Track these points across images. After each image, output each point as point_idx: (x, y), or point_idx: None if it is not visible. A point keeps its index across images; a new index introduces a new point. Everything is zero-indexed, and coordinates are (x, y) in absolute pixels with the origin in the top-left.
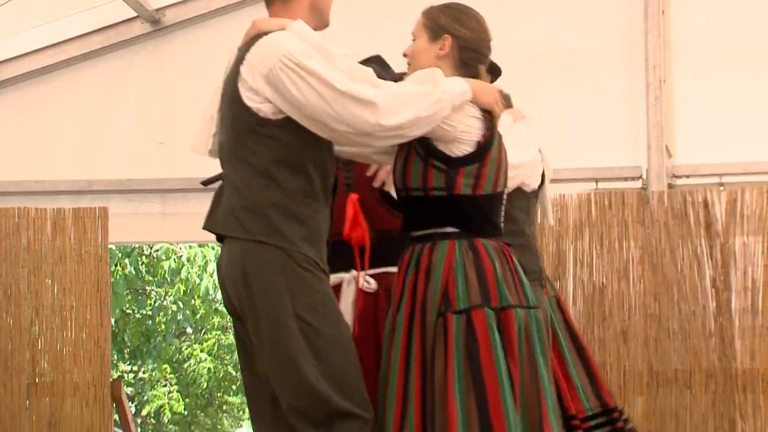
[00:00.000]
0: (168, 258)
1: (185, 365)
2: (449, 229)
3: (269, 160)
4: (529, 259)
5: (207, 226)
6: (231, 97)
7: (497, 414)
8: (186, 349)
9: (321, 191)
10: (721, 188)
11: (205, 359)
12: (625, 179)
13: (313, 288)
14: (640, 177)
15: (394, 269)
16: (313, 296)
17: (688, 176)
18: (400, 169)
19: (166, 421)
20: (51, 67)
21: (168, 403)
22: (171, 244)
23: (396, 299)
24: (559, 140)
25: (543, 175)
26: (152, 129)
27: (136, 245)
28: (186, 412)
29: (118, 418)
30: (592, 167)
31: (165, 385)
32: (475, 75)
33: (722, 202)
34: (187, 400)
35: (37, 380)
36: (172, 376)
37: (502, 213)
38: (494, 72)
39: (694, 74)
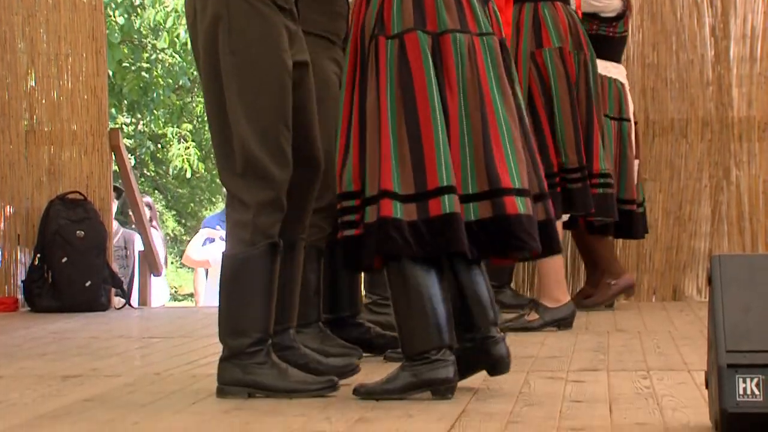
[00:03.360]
0: (154, 7)
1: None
2: None
3: None
4: None
5: None
6: None
7: (429, 147)
8: (189, 102)
9: None
10: None
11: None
12: None
13: (256, 25)
14: None
15: None
16: (254, 33)
17: None
18: None
19: (188, 177)
20: None
21: (187, 160)
22: None
23: (349, 29)
24: None
25: None
26: None
27: None
28: (205, 170)
29: (117, 169)
30: None
31: (181, 142)
32: None
33: None
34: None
35: (35, 129)
36: (189, 132)
37: None
38: None
39: None
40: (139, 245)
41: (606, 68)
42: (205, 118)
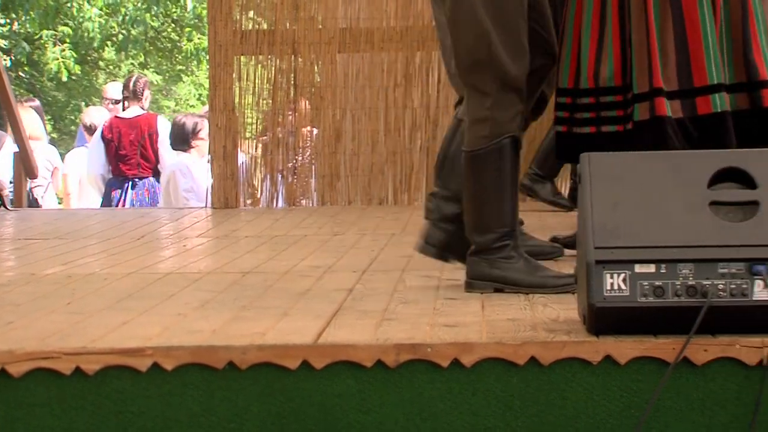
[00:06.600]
0: None
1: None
2: None
3: None
4: None
5: None
6: None
7: (696, 44)
8: (65, 3)
9: None
10: None
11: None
12: None
13: None
14: None
15: None
16: None
17: None
18: None
19: (65, 80)
20: None
21: (63, 63)
22: None
23: None
24: None
25: None
26: None
27: None
28: (81, 73)
29: None
30: None
31: (56, 44)
32: None
33: None
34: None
35: None
36: (65, 35)
37: None
38: None
39: None
40: (10, 146)
41: None
42: (81, 21)
